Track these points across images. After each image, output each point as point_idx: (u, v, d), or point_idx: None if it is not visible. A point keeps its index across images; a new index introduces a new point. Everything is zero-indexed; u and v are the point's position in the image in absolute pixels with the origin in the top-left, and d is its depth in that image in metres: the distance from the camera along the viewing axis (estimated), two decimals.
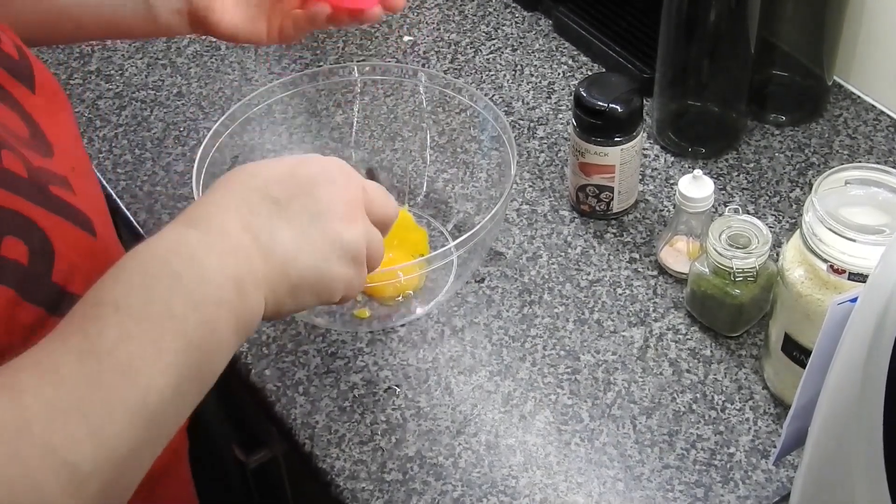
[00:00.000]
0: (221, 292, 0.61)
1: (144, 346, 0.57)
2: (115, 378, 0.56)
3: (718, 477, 0.87)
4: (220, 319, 0.61)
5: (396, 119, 1.16)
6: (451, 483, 0.88)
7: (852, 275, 0.79)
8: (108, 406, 0.55)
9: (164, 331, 0.58)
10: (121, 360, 0.56)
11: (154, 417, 0.57)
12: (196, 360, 0.59)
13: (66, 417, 0.54)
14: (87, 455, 0.54)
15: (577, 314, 1.00)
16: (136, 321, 0.58)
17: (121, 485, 0.57)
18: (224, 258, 0.62)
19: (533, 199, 1.10)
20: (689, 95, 1.14)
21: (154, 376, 0.57)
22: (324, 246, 0.67)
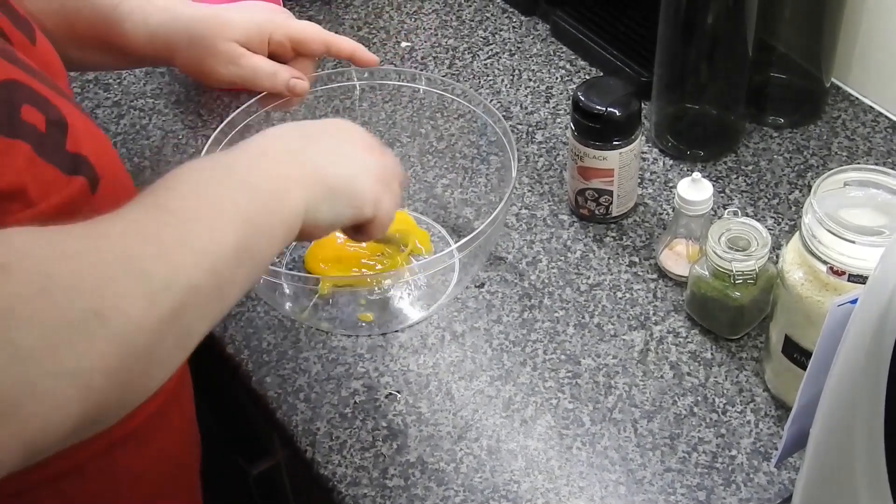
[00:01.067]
0: (266, 184, 0.69)
1: (205, 206, 0.64)
2: (183, 223, 0.62)
3: (720, 480, 0.87)
4: (266, 203, 0.68)
5: (395, 124, 1.16)
6: (453, 488, 0.88)
7: (852, 276, 0.79)
8: (179, 240, 0.61)
9: (220, 199, 0.65)
10: (186, 213, 0.63)
11: (218, 265, 0.62)
12: (248, 231, 0.65)
13: (143, 242, 0.59)
14: (161, 273, 0.58)
15: (577, 318, 1.00)
16: (195, 190, 0.65)
17: (188, 318, 0.60)
18: (265, 164, 0.71)
19: (532, 204, 1.10)
20: (688, 98, 1.14)
21: (216, 228, 0.63)
22: (353, 162, 0.77)
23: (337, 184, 0.75)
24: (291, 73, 0.98)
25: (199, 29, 0.95)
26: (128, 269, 0.57)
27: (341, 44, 1.00)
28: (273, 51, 0.98)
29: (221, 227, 0.63)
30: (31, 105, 0.69)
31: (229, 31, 0.96)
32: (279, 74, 0.97)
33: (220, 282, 0.63)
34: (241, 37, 0.96)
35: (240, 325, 1.01)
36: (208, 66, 0.96)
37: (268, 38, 0.97)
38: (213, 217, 0.64)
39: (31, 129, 0.68)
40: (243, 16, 0.97)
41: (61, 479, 0.78)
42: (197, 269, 0.61)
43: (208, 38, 0.95)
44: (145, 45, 0.96)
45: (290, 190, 0.70)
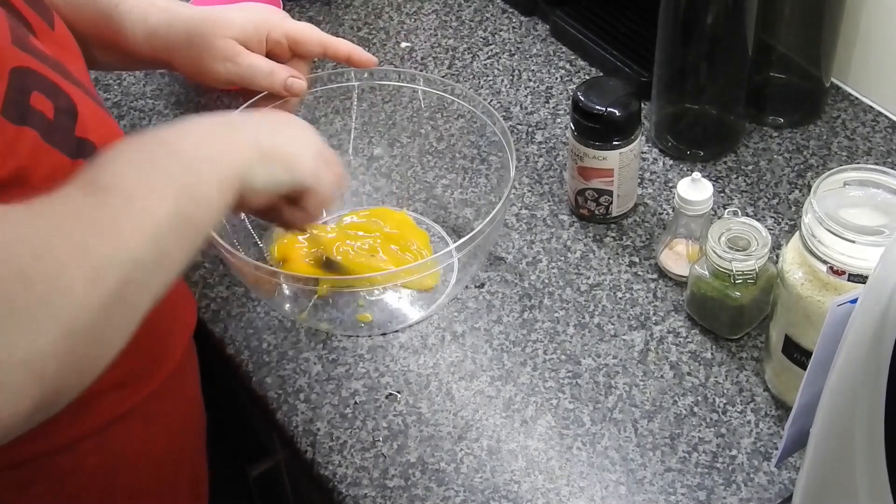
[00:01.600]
0: (199, 150, 0.70)
1: (139, 181, 0.64)
2: (117, 201, 0.62)
3: (721, 479, 0.87)
4: (201, 170, 0.69)
5: (395, 125, 1.16)
6: (454, 489, 0.88)
7: (852, 276, 0.79)
8: (114, 217, 0.61)
9: (153, 174, 0.65)
10: (120, 190, 0.63)
11: (157, 236, 0.63)
12: (185, 200, 0.66)
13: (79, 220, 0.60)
14: (102, 249, 0.59)
15: (577, 318, 1.00)
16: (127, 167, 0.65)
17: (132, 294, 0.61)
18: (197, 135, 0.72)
19: (532, 204, 1.10)
20: (687, 98, 1.14)
21: (151, 202, 0.63)
22: (291, 136, 0.79)
23: (273, 150, 0.76)
24: (289, 73, 0.98)
25: (198, 27, 0.96)
26: (69, 252, 0.58)
27: (338, 45, 1.01)
28: (270, 50, 0.99)
29: (157, 199, 0.64)
30: (40, 92, 0.70)
31: (227, 29, 0.96)
32: (277, 73, 0.98)
33: (160, 253, 0.63)
34: (239, 35, 0.96)
35: (240, 325, 1.01)
36: (206, 64, 0.97)
37: (265, 37, 0.98)
38: (147, 190, 0.64)
39: (40, 115, 0.69)
40: (241, 15, 0.98)
41: (56, 454, 0.78)
42: (137, 243, 0.61)
43: (206, 37, 0.96)
44: (144, 45, 0.96)
45: (223, 154, 0.71)
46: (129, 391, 0.82)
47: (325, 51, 1.01)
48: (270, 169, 0.75)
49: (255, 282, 0.97)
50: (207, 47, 0.96)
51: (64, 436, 0.77)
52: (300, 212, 0.82)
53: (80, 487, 0.82)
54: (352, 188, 1.12)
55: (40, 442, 0.74)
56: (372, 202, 1.11)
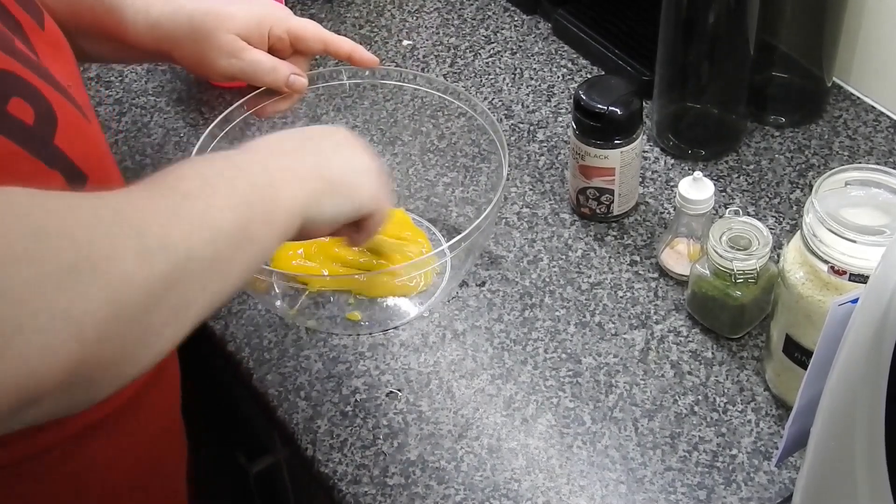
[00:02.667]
0: (267, 175, 0.70)
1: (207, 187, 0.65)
2: (179, 199, 0.63)
3: (721, 479, 0.87)
4: (269, 192, 0.69)
5: (396, 123, 1.16)
6: (454, 487, 0.88)
7: (853, 276, 0.79)
8: (175, 211, 0.62)
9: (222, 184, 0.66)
10: (187, 190, 0.64)
11: (214, 238, 0.63)
12: (249, 215, 0.66)
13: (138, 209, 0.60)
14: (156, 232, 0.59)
15: (578, 317, 1.00)
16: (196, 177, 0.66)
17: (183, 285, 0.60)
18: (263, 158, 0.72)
19: (533, 203, 1.10)
20: (689, 97, 1.14)
21: (214, 206, 0.64)
22: (351, 159, 0.79)
23: (337, 178, 0.76)
24: (291, 69, 0.98)
25: (201, 21, 0.95)
26: (122, 227, 0.58)
27: (340, 43, 1.00)
28: (272, 45, 0.99)
29: (220, 206, 0.64)
30: (21, 97, 0.69)
31: (230, 24, 0.96)
32: (279, 69, 0.98)
33: (217, 256, 0.63)
34: (242, 30, 0.96)
35: (240, 322, 1.01)
36: (209, 58, 0.96)
37: (267, 33, 0.98)
38: (211, 196, 0.64)
39: (17, 122, 0.68)
40: (245, 9, 0.97)
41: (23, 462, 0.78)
42: (193, 237, 0.61)
43: (209, 31, 0.95)
44: (146, 36, 0.96)
45: (289, 181, 0.71)
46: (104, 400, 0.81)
47: (327, 48, 1.00)
48: (336, 200, 0.76)
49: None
50: (210, 41, 0.96)
51: (32, 445, 0.77)
52: (358, 233, 0.83)
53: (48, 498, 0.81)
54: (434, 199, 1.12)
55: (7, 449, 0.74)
56: None
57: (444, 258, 0.97)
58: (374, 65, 1.02)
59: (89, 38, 0.96)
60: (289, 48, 0.99)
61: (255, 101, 1.00)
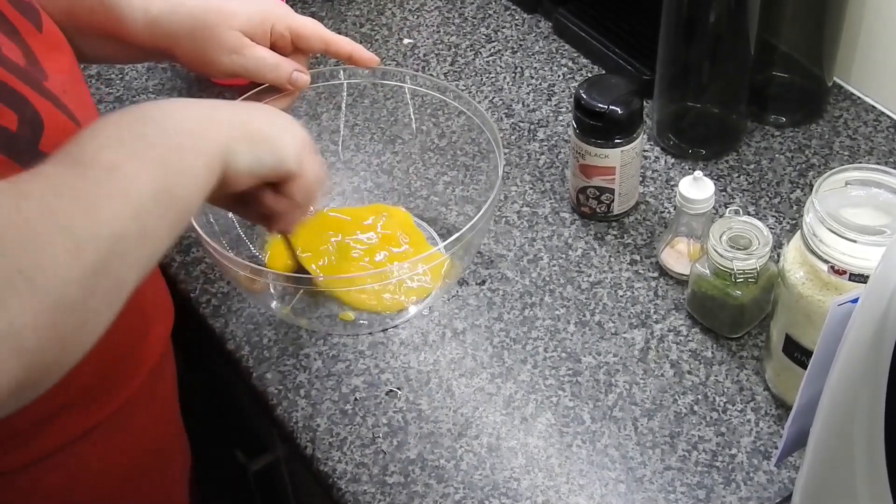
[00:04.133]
0: (183, 125, 0.69)
1: (124, 154, 0.64)
2: (99, 174, 0.62)
3: (720, 478, 0.87)
4: (185, 147, 0.68)
5: (396, 122, 1.16)
6: (453, 486, 0.88)
7: (853, 275, 0.79)
8: (97, 191, 0.61)
9: (136, 146, 0.65)
10: (102, 163, 0.62)
11: (140, 209, 0.62)
12: (169, 174, 0.65)
13: (60, 197, 0.59)
14: (83, 224, 0.59)
15: (578, 316, 1.00)
16: (110, 141, 0.64)
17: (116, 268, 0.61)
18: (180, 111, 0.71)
19: (533, 202, 1.10)
20: (690, 97, 1.14)
21: (133, 175, 0.63)
22: (275, 122, 0.78)
23: (257, 132, 0.75)
24: (294, 67, 0.98)
25: (203, 17, 0.95)
26: (49, 225, 0.57)
27: (340, 43, 1.00)
28: (274, 42, 0.98)
29: (139, 173, 0.63)
30: (4, 104, 0.68)
31: (233, 20, 0.95)
32: (282, 67, 0.97)
33: (144, 228, 0.62)
34: (245, 26, 0.96)
35: (240, 321, 1.01)
36: (210, 55, 0.96)
37: (269, 29, 0.97)
38: (129, 164, 0.63)
39: (1, 129, 0.68)
40: (247, 6, 0.97)
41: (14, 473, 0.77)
42: (119, 217, 0.61)
43: (211, 27, 0.95)
44: (144, 34, 0.95)
45: (207, 130, 0.70)
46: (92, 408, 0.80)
47: (328, 47, 1.00)
48: (255, 149, 0.74)
49: (237, 279, 0.96)
50: (213, 38, 0.95)
51: (24, 454, 0.76)
52: (284, 200, 0.81)
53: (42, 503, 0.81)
54: (352, 185, 1.12)
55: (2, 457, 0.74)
56: (373, 199, 1.11)
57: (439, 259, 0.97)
58: (375, 64, 1.02)
59: (87, 38, 0.95)
60: (290, 46, 0.99)
61: (254, 99, 1.00)
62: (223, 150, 0.71)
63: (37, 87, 0.72)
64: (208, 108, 0.74)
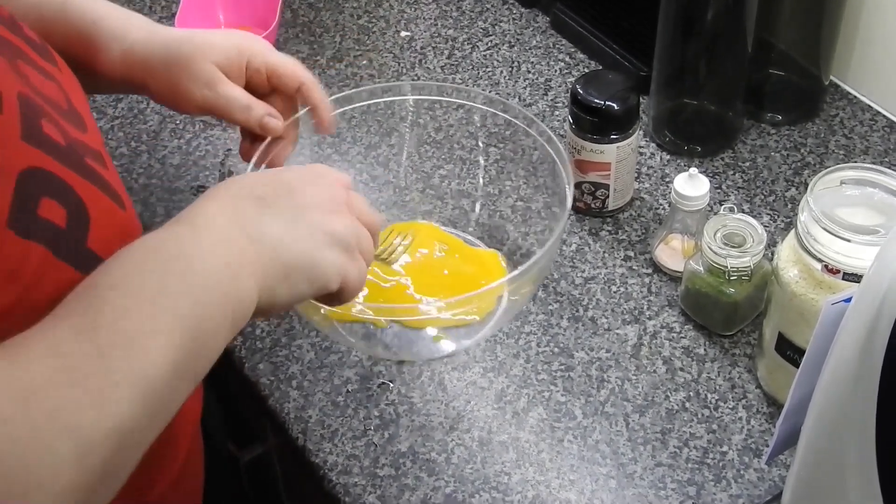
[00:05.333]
0: (213, 276, 0.64)
1: (142, 322, 0.59)
2: (114, 351, 0.58)
3: (711, 475, 0.87)
4: (213, 303, 0.63)
5: (393, 115, 1.15)
6: (444, 479, 0.88)
7: (847, 275, 0.80)
8: (108, 377, 0.57)
9: (160, 309, 0.60)
10: (119, 335, 0.58)
11: (153, 392, 0.58)
12: (191, 340, 0.61)
13: (70, 386, 0.56)
14: (91, 422, 0.55)
15: (571, 311, 1.00)
16: (132, 300, 0.60)
17: (121, 461, 0.58)
18: (213, 247, 0.65)
19: (527, 196, 1.10)
20: (686, 94, 1.14)
21: (151, 350, 0.59)
22: (312, 234, 0.70)
23: (294, 261, 0.69)
24: (267, 110, 0.92)
25: (178, 48, 0.90)
26: (58, 428, 0.55)
27: (312, 90, 0.94)
28: (249, 78, 0.93)
29: (158, 348, 0.59)
30: (51, 197, 0.64)
31: (209, 53, 0.90)
32: (254, 109, 0.91)
33: (154, 408, 0.59)
34: (222, 60, 0.91)
35: None
36: (183, 88, 0.90)
37: (245, 65, 0.92)
38: (149, 336, 0.59)
39: (50, 226, 0.64)
40: (224, 40, 0.92)
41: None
42: (129, 405, 0.57)
43: (187, 59, 0.90)
44: (118, 63, 0.91)
45: (240, 278, 0.65)
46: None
47: (300, 89, 0.93)
48: (293, 284, 0.69)
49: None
50: (186, 70, 0.90)
51: None
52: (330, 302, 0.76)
53: None
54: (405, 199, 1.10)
55: None
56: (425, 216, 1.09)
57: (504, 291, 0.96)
58: (329, 132, 0.97)
59: None
60: (265, 83, 0.93)
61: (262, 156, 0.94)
62: (256, 297, 0.66)
63: (79, 168, 0.68)
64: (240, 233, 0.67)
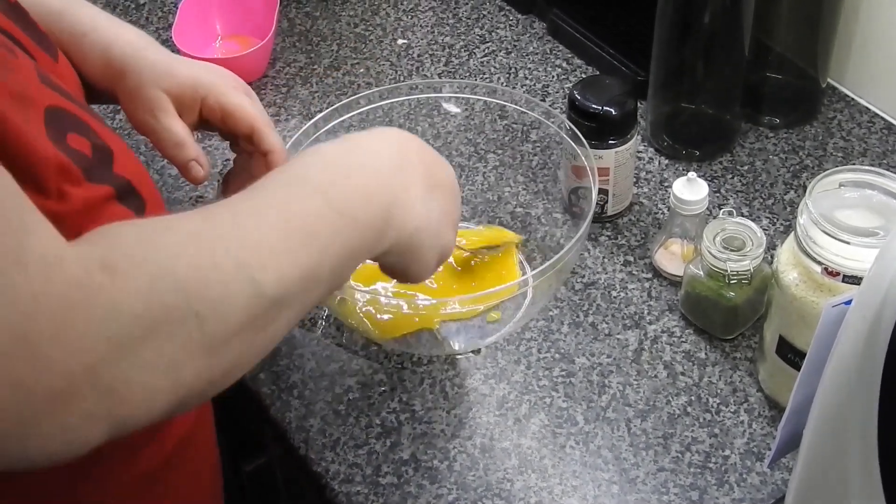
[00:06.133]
0: (377, 213, 0.70)
1: (323, 216, 0.66)
2: (290, 233, 0.63)
3: (713, 480, 0.87)
4: (369, 235, 0.70)
5: (391, 122, 1.15)
6: (446, 486, 0.88)
7: (846, 277, 0.79)
8: (283, 251, 0.62)
9: (326, 231, 0.66)
10: (307, 222, 0.65)
11: (308, 281, 0.64)
12: (343, 259, 0.67)
13: (259, 245, 0.61)
14: (268, 280, 0.60)
15: (571, 317, 1.00)
16: (322, 198, 0.67)
17: (276, 326, 0.63)
18: (392, 187, 0.72)
19: (526, 202, 1.10)
20: (684, 98, 1.14)
21: (317, 250, 0.65)
22: (437, 240, 0.77)
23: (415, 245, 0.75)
24: (196, 155, 0.92)
25: (140, 69, 0.90)
26: (236, 273, 0.59)
27: (265, 137, 0.93)
28: (204, 114, 0.92)
29: (321, 250, 0.65)
30: (75, 132, 0.68)
31: (163, 80, 0.90)
32: (185, 149, 0.91)
33: (309, 296, 0.65)
34: (174, 89, 0.90)
35: None
36: (132, 106, 0.91)
37: (201, 100, 0.91)
38: (315, 238, 0.65)
39: (80, 155, 0.67)
40: (188, 70, 0.92)
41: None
42: (295, 283, 0.62)
43: (144, 79, 0.90)
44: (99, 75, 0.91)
45: (391, 223, 0.71)
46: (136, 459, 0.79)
47: (251, 135, 0.92)
48: (401, 258, 0.75)
49: None
50: (137, 90, 0.90)
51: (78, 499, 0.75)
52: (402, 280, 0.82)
53: None
54: None
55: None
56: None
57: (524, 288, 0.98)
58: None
59: None
60: (220, 122, 0.93)
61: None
62: (387, 246, 0.72)
63: (87, 110, 0.71)
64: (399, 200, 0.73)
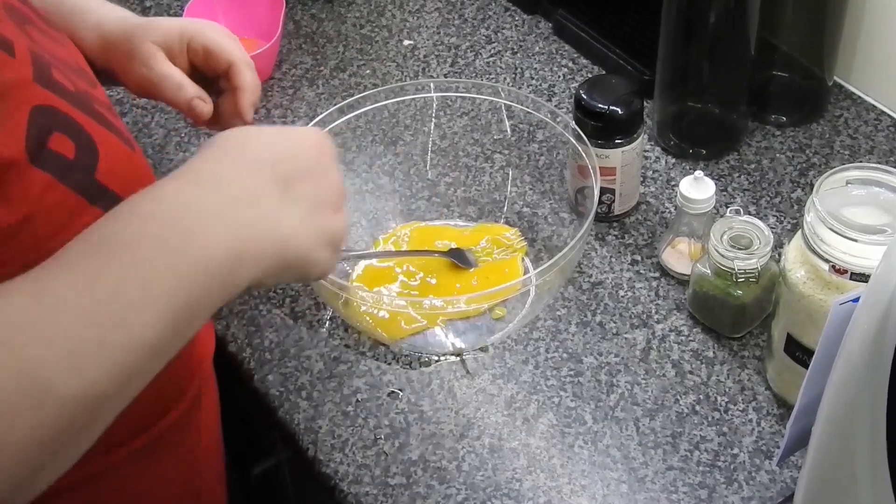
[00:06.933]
0: (220, 265, 0.64)
1: (138, 297, 0.59)
2: (106, 321, 0.57)
3: (722, 478, 0.87)
4: (213, 289, 0.63)
5: (398, 123, 1.16)
6: (455, 486, 0.88)
7: (854, 275, 0.79)
8: (95, 345, 0.57)
9: (161, 289, 0.60)
10: (114, 306, 0.58)
11: (133, 368, 0.58)
12: (179, 320, 0.61)
13: (51, 341, 0.56)
14: (62, 379, 0.55)
15: (579, 317, 1.00)
16: (136, 272, 0.60)
17: (86, 421, 0.58)
18: (231, 229, 0.65)
19: (533, 202, 1.10)
20: (690, 97, 1.14)
21: (141, 327, 0.58)
22: (320, 233, 0.71)
23: (296, 258, 0.70)
24: (197, 93, 0.93)
25: (131, 31, 0.93)
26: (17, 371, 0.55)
27: (241, 72, 0.94)
28: (192, 59, 0.95)
29: (150, 321, 0.59)
30: (62, 132, 0.67)
31: (151, 33, 0.93)
32: (185, 89, 0.92)
33: (135, 378, 0.60)
34: (162, 39, 0.93)
35: (242, 323, 1.01)
36: (130, 66, 0.93)
37: (187, 45, 0.94)
38: (143, 310, 0.59)
39: (58, 157, 0.66)
40: (170, 22, 0.94)
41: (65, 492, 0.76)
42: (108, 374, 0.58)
43: (134, 40, 0.93)
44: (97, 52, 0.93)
45: (243, 266, 0.65)
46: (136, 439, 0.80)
47: (229, 70, 0.94)
48: (285, 276, 0.71)
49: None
50: (131, 50, 0.93)
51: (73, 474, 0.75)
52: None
53: None
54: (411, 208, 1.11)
55: None
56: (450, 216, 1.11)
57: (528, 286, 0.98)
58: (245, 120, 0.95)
59: None
60: (203, 63, 0.95)
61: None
62: (248, 283, 0.66)
63: (86, 109, 0.71)
64: (258, 217, 0.67)
